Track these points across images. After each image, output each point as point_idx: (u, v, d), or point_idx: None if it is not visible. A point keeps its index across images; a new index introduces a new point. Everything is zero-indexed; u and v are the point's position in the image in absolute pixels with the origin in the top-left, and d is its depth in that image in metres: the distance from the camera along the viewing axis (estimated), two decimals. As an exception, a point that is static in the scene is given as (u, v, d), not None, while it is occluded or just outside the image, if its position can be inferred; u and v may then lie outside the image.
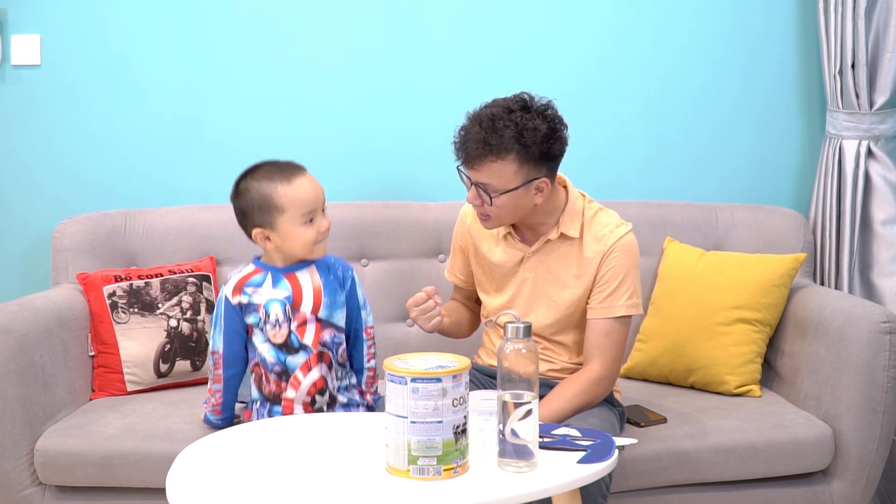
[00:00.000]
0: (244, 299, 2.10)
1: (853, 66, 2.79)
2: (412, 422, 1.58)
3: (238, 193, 2.11)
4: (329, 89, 2.92)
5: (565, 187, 2.21)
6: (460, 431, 1.59)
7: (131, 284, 2.59)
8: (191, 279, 2.65)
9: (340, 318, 2.15)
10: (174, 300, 2.61)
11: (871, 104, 2.81)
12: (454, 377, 1.58)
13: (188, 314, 2.62)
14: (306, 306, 2.10)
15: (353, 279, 2.17)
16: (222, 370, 2.13)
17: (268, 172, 2.08)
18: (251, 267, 2.14)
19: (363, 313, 2.20)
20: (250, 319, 2.11)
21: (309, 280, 2.12)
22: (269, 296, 2.10)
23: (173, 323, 2.59)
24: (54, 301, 2.49)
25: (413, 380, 1.57)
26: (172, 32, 2.88)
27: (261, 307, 2.10)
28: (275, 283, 2.11)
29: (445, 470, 1.58)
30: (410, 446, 1.58)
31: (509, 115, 2.03)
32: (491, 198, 2.07)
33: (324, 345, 2.12)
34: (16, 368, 2.25)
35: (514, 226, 2.22)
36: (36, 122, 2.89)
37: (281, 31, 2.90)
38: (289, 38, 2.90)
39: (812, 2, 2.90)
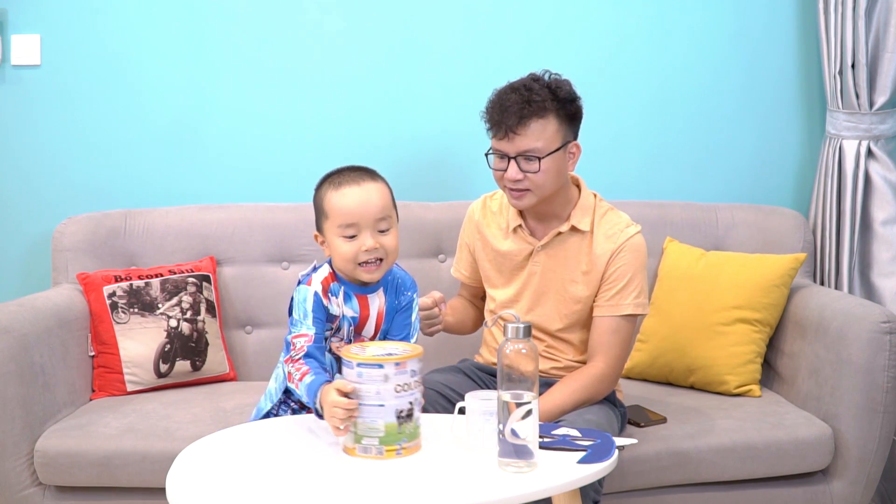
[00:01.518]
0: (333, 308, 1.98)
1: (853, 66, 2.79)
2: (359, 404, 1.69)
3: (315, 189, 2.02)
4: (329, 89, 2.92)
5: (578, 185, 2.25)
6: (405, 416, 1.69)
7: (131, 284, 2.59)
8: (191, 279, 2.65)
9: None
10: (174, 300, 2.61)
11: (871, 104, 2.81)
12: (397, 364, 1.68)
13: (188, 314, 2.62)
14: (368, 330, 2.02)
15: (411, 300, 2.05)
16: (306, 349, 1.91)
17: (337, 175, 1.98)
18: (327, 269, 1.99)
19: (413, 335, 2.06)
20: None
21: (377, 303, 2.01)
22: (343, 311, 1.98)
23: (173, 323, 2.59)
24: (54, 301, 2.49)
25: (358, 364, 1.70)
26: (172, 33, 2.88)
27: (337, 319, 1.99)
28: (346, 299, 1.99)
29: (388, 451, 1.69)
30: (356, 426, 1.70)
31: (536, 82, 2.14)
32: (540, 161, 2.10)
33: None
34: (16, 368, 2.25)
35: (524, 218, 2.23)
36: (36, 122, 2.89)
37: (280, 32, 2.90)
38: (288, 39, 2.90)
39: (812, 2, 2.90)
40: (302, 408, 2.06)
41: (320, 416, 1.79)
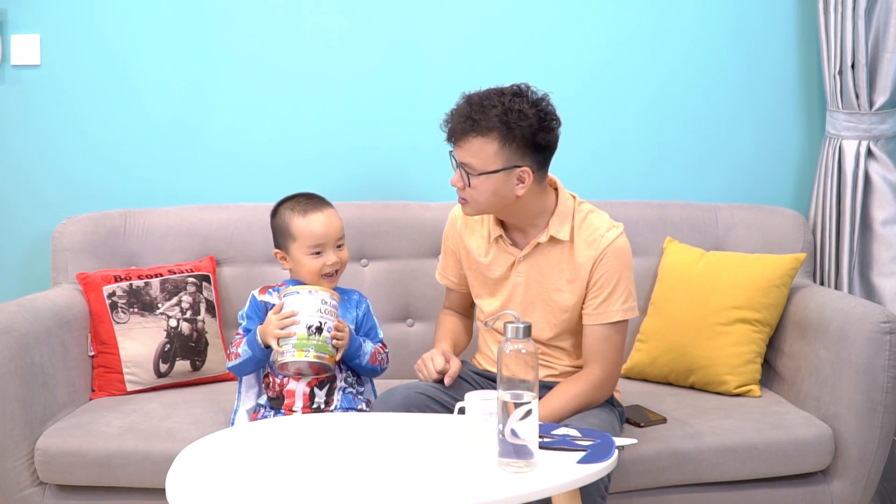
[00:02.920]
0: (268, 298, 2.29)
1: (853, 66, 2.79)
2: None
3: (272, 215, 2.32)
4: (328, 89, 2.92)
5: (556, 188, 2.19)
6: (314, 331, 2.13)
7: (131, 284, 2.60)
8: (190, 279, 2.65)
9: None
10: (174, 300, 2.61)
11: (871, 104, 2.81)
12: (310, 292, 2.16)
13: (188, 314, 2.62)
14: None
15: (367, 304, 2.37)
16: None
17: (295, 203, 2.29)
18: (281, 281, 2.36)
19: (379, 332, 2.37)
20: None
21: None
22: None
23: (173, 323, 2.59)
24: (54, 301, 2.49)
25: (285, 295, 2.18)
26: (172, 33, 2.88)
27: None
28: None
29: (299, 352, 2.13)
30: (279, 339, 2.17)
31: (499, 97, 2.04)
32: (469, 178, 2.06)
33: None
34: (16, 368, 2.25)
35: (504, 228, 2.20)
36: (36, 122, 2.89)
37: (280, 33, 2.90)
38: (288, 39, 2.90)
39: (812, 2, 2.90)
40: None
41: (267, 348, 2.18)
